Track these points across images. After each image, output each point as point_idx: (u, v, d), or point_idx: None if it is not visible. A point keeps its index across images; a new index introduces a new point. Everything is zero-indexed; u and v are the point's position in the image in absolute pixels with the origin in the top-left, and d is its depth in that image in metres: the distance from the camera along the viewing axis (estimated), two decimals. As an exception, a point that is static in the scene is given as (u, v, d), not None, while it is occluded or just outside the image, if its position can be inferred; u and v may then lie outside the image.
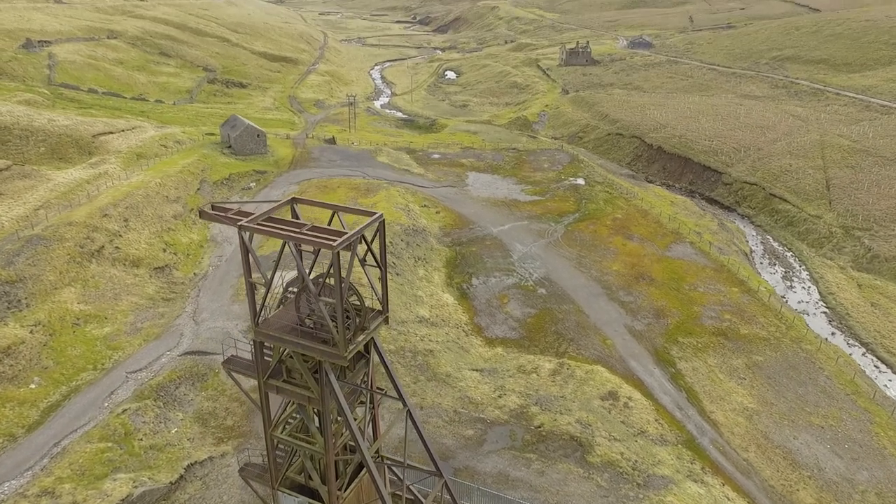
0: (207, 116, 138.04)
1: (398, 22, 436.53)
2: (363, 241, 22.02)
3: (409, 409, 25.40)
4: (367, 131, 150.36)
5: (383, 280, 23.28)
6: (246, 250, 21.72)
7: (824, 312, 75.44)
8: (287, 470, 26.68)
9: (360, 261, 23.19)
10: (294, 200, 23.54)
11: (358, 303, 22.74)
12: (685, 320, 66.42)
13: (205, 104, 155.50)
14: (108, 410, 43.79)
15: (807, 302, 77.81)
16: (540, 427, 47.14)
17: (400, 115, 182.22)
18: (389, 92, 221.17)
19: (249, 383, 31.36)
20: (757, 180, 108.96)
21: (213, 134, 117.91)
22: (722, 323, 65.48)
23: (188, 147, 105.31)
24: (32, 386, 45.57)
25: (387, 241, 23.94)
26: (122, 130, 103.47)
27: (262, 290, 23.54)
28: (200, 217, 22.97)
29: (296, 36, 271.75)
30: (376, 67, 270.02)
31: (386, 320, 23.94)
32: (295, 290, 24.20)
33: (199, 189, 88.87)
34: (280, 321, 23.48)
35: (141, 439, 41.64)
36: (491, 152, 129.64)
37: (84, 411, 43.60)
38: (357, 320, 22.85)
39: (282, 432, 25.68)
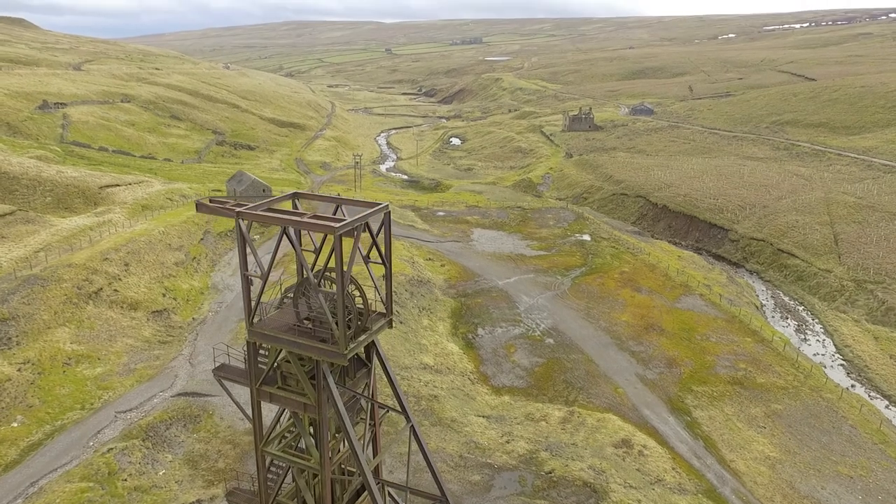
0: (214, 175, 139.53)
1: (404, 94, 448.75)
2: (368, 231, 20.77)
3: (412, 425, 23.45)
4: (373, 191, 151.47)
5: (388, 278, 21.92)
6: (243, 240, 20.51)
7: (842, 365, 72.82)
8: (278, 494, 24.45)
9: (363, 258, 21.93)
10: (296, 195, 22.53)
11: (360, 300, 21.30)
12: (698, 369, 64.04)
13: (212, 164, 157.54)
14: (93, 450, 41.43)
15: (822, 354, 75.29)
16: (551, 473, 44.33)
17: (405, 177, 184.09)
18: (395, 156, 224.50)
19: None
20: (764, 236, 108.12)
21: (219, 190, 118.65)
22: (737, 372, 63.06)
23: (194, 201, 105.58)
24: (15, 424, 43.34)
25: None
26: (130, 184, 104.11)
27: (257, 295, 22.09)
28: (197, 210, 21.92)
29: (304, 104, 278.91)
30: (382, 134, 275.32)
31: (390, 323, 22.42)
32: (292, 294, 22.76)
33: (202, 239, 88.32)
34: (276, 322, 21.99)
35: (125, 479, 39.10)
36: (496, 210, 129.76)
37: (67, 450, 41.23)
38: (359, 321, 21.34)
39: (275, 448, 23.64)
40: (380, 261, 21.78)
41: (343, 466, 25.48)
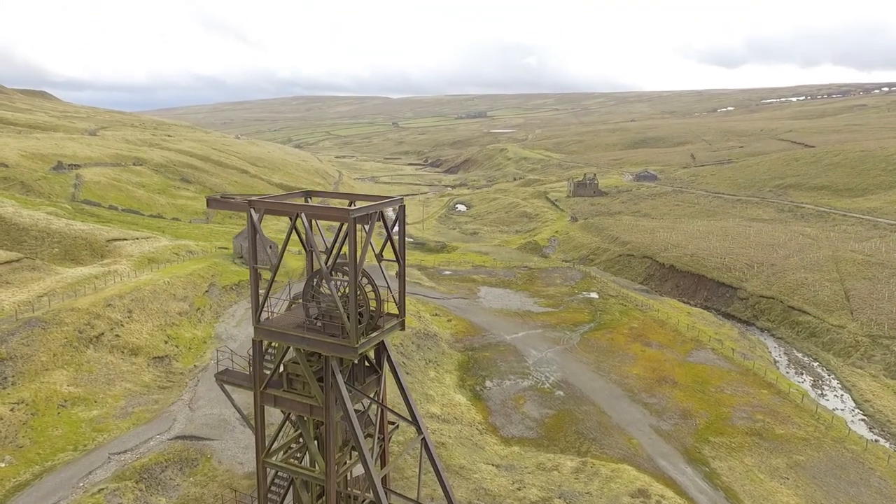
0: (221, 234, 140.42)
1: (410, 164, 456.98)
2: (383, 225, 20.24)
3: (424, 437, 22.14)
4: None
5: (401, 276, 21.22)
6: (254, 231, 19.98)
7: (863, 420, 70.26)
8: (279, 514, 22.87)
9: (376, 256, 21.32)
10: (309, 193, 22.15)
11: (373, 298, 20.52)
12: (714, 420, 61.79)
13: (220, 224, 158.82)
14: (83, 490, 39.47)
15: (842, 409, 72.78)
16: (565, 520, 41.92)
17: (410, 239, 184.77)
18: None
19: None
20: (773, 294, 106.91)
21: (225, 248, 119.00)
22: (755, 423, 60.77)
23: (200, 256, 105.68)
24: (2, 464, 41.56)
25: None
26: (137, 239, 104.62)
27: (264, 290, 21.33)
28: (208, 206, 21.54)
29: (311, 171, 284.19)
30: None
31: (402, 325, 21.53)
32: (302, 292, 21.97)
33: (207, 291, 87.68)
34: (284, 321, 21.15)
35: (116, 521, 37.03)
36: (503, 270, 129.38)
37: (55, 490, 39.32)
38: (371, 318, 20.48)
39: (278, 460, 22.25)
40: (393, 258, 21.14)
41: (350, 489, 24.00)
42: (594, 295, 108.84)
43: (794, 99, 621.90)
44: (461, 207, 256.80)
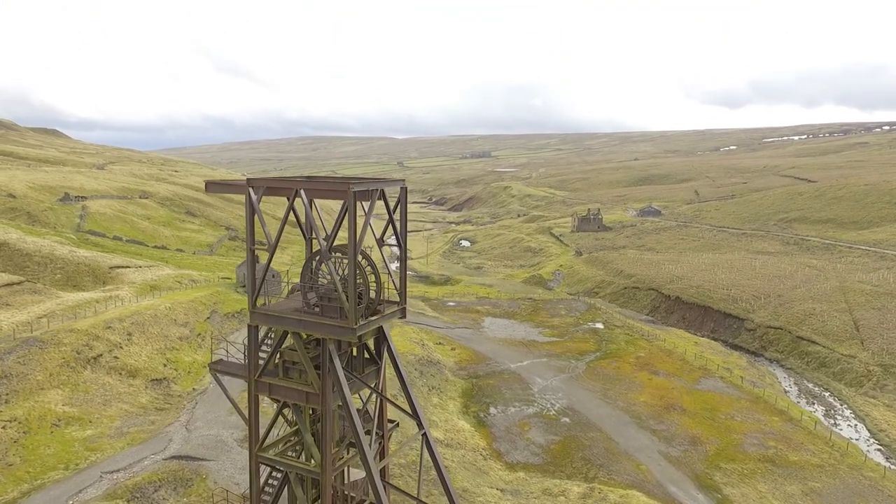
0: (225, 265, 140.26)
1: (415, 202, 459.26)
2: (385, 206, 19.76)
3: (425, 432, 21.22)
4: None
5: (402, 262, 20.64)
6: (252, 212, 19.52)
7: (879, 449, 68.28)
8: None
9: (377, 241, 20.81)
10: (309, 178, 21.75)
11: (372, 275, 19.91)
12: (725, 447, 60.07)
13: (223, 257, 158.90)
14: (74, 508, 38.16)
15: (856, 439, 70.81)
16: (573, 543, 40.23)
17: (414, 273, 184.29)
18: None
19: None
20: (781, 324, 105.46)
21: (228, 278, 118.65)
22: (767, 450, 59.05)
23: (203, 285, 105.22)
24: (-7, 481, 40.32)
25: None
26: (140, 267, 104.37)
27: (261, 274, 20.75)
28: (207, 190, 21.12)
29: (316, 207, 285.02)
30: (392, 237, 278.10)
31: (403, 313, 20.85)
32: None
33: (209, 318, 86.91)
34: (281, 307, 20.51)
35: (106, 538, 35.65)
36: (507, 301, 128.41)
37: (45, 507, 38.03)
38: (370, 301, 19.83)
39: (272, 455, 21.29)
40: (394, 242, 20.61)
41: (347, 492, 22.95)
42: (599, 325, 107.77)
43: (796, 138, 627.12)
44: (465, 243, 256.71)
